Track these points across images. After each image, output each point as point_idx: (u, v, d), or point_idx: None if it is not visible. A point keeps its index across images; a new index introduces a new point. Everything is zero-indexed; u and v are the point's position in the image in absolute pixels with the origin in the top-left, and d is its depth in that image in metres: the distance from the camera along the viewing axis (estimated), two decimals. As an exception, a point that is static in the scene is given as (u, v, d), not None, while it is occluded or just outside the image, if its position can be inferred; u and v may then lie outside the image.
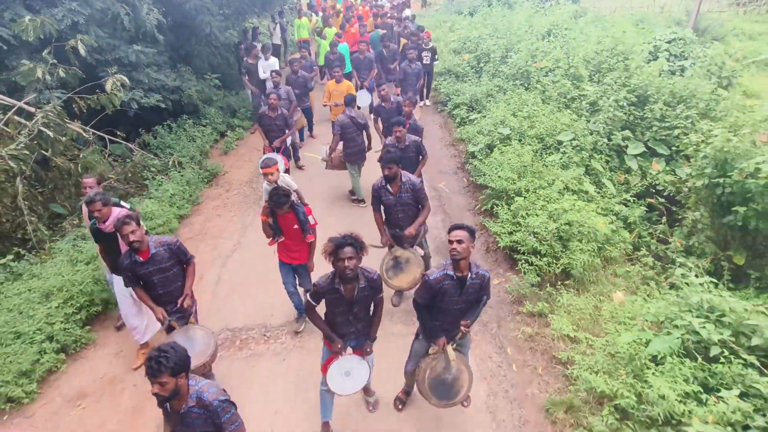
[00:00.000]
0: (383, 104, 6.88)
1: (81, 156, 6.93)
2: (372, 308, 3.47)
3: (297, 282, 4.67)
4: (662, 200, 6.09)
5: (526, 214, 5.51)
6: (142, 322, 4.49)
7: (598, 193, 6.07)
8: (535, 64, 8.94)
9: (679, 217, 5.85)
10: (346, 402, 3.92)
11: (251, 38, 11.45)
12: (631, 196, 6.12)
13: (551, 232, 5.11)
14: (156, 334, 4.63)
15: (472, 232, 3.16)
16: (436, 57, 10.18)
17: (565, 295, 4.70)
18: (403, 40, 10.56)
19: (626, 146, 6.82)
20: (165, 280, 3.75)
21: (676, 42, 10.65)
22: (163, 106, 8.57)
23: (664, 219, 5.92)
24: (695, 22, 15.89)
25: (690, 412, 3.12)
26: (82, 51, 6.15)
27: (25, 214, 5.92)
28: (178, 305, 3.80)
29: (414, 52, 8.76)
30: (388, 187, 4.47)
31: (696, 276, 4.19)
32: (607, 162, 6.70)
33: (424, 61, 9.82)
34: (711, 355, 3.41)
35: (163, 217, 6.42)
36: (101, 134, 7.55)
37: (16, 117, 5.96)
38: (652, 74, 7.41)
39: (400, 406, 3.98)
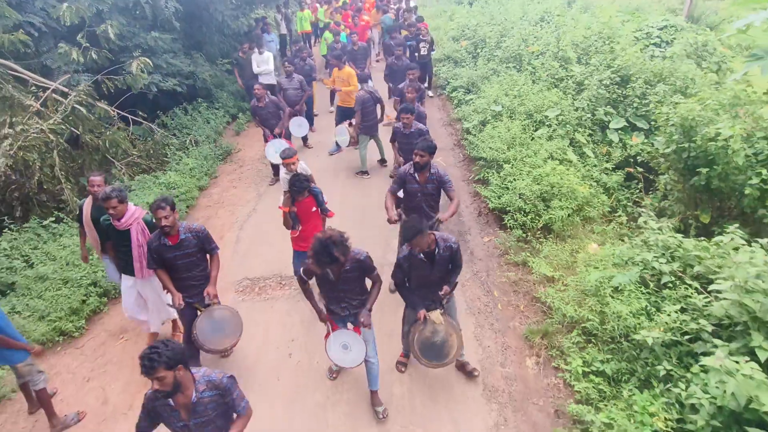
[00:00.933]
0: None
1: (107, 133, 7.58)
2: (370, 285, 3.65)
3: None
4: (640, 169, 6.66)
5: (514, 179, 6.12)
6: (148, 315, 4.53)
7: (581, 162, 6.65)
8: (528, 48, 9.50)
9: (655, 184, 6.44)
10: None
11: (261, 30, 11.95)
12: (611, 166, 6.71)
13: (535, 192, 5.72)
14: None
15: (416, 234, 3.34)
16: (434, 48, 10.64)
17: (546, 246, 5.31)
18: (403, 32, 11.05)
19: (609, 121, 7.37)
20: (189, 265, 3.88)
21: (668, 29, 11.17)
22: (179, 89, 9.23)
23: (640, 185, 6.51)
24: (689, 10, 16.37)
25: (640, 324, 3.73)
26: (112, 35, 6.79)
27: (62, 182, 6.58)
28: (205, 294, 3.95)
29: (401, 49, 9.05)
30: (416, 175, 4.47)
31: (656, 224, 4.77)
32: (590, 135, 7.26)
33: (422, 52, 10.18)
34: (662, 282, 4.02)
35: (185, 186, 7.08)
36: (124, 114, 8.17)
37: (54, 95, 6.58)
38: (635, 55, 7.96)
39: (402, 369, 4.27)
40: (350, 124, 7.37)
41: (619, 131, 7.30)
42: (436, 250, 3.51)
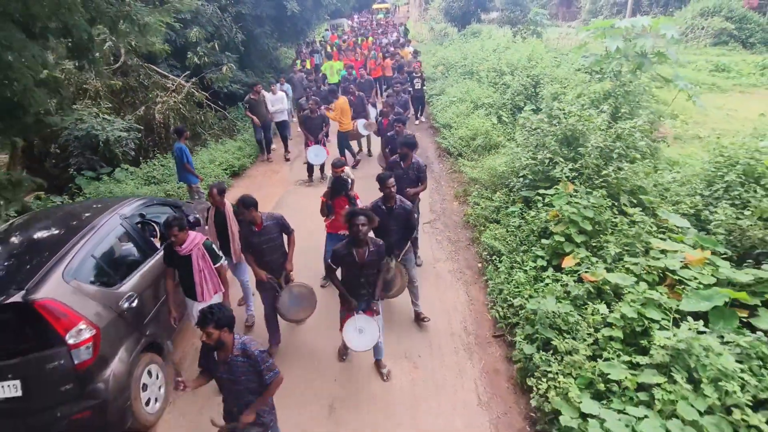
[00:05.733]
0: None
1: (202, 113, 11.76)
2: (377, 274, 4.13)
3: None
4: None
5: (457, 131, 10.25)
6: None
7: (501, 126, 10.80)
8: (479, 66, 13.92)
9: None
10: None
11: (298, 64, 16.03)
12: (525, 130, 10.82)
13: (468, 135, 9.84)
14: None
15: (388, 177, 4.52)
16: (425, 83, 13.78)
17: (472, 158, 9.37)
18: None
19: (524, 106, 11.60)
20: (271, 248, 4.43)
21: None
22: (241, 92, 13.51)
23: (537, 139, 10.62)
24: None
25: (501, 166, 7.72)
26: (217, 48, 11.07)
27: (182, 135, 10.64)
28: (285, 270, 4.58)
29: (399, 86, 10.62)
30: (401, 162, 5.67)
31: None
32: (512, 114, 11.44)
33: (416, 86, 12.72)
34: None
35: (250, 147, 11.19)
36: (210, 102, 12.39)
37: (183, 83, 10.82)
38: (545, 68, 12.28)
39: None
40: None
41: (530, 112, 11.49)
42: (394, 206, 4.55)
